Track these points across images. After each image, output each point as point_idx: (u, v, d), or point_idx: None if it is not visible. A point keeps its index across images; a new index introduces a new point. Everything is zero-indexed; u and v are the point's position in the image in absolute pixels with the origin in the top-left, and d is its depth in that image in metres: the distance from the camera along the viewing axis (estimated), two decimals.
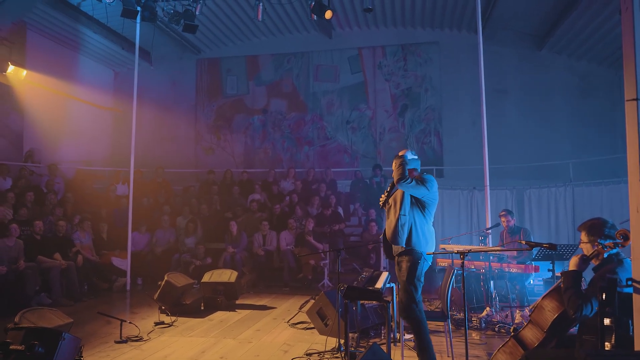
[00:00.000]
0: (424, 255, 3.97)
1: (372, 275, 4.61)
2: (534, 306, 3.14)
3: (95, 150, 12.54)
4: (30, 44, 10.48)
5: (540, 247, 3.93)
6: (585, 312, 2.72)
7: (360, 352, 4.48)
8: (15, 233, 7.05)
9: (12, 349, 3.60)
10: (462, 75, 11.81)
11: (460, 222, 10.43)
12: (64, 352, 3.68)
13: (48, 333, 3.73)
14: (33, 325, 3.95)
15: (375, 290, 3.99)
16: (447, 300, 4.23)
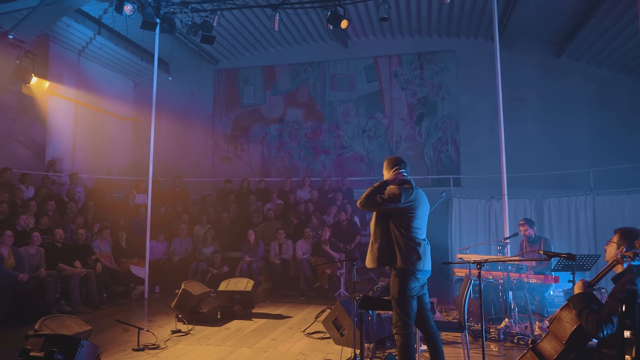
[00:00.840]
0: (413, 272, 3.72)
1: (388, 285, 4.57)
2: (552, 318, 3.09)
3: (115, 160, 12.76)
4: (53, 56, 10.76)
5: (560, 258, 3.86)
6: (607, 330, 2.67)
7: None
8: (37, 241, 7.19)
9: (32, 355, 3.66)
10: (479, 83, 11.75)
11: (478, 231, 10.31)
12: (83, 359, 3.73)
13: (67, 340, 3.78)
14: (52, 332, 4.00)
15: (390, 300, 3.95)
16: (464, 311, 4.18)
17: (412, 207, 3.80)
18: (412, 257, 3.73)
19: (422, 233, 3.89)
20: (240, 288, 6.98)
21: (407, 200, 3.76)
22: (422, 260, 3.76)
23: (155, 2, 8.57)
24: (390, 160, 4.07)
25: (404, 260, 3.72)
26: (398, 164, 3.98)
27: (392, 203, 3.74)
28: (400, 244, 3.75)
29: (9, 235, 6.69)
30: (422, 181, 11.94)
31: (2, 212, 7.62)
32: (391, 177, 3.96)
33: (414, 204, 3.80)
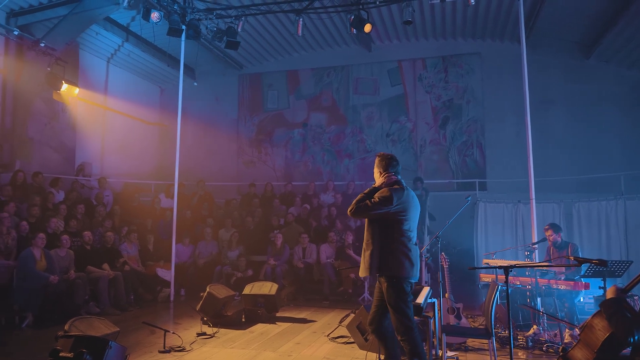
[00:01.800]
0: (406, 279, 3.65)
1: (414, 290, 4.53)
2: (583, 325, 3.01)
3: (141, 164, 12.98)
4: (83, 64, 11.03)
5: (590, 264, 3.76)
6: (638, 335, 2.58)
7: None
8: (66, 244, 7.36)
9: (62, 356, 3.74)
10: (505, 86, 11.58)
11: (505, 236, 10.12)
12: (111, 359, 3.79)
13: (96, 341, 3.85)
14: (82, 333, 4.08)
15: (416, 305, 3.91)
16: (492, 317, 4.10)
17: (403, 209, 3.69)
18: (404, 264, 3.65)
19: (413, 237, 3.79)
20: (264, 292, 7.00)
21: (399, 202, 3.66)
22: (415, 267, 3.70)
23: (181, 9, 8.71)
24: (382, 159, 3.95)
25: (397, 268, 3.64)
26: (389, 165, 3.87)
27: (384, 206, 3.63)
28: (392, 250, 3.65)
29: (41, 238, 6.86)
30: (447, 185, 11.82)
31: (34, 215, 7.82)
32: (379, 183, 3.86)
33: (404, 206, 3.69)
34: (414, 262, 3.69)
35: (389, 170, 3.86)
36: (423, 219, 10.09)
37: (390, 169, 3.86)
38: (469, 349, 5.32)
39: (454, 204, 10.89)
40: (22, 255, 6.69)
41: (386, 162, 3.89)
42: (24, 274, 6.61)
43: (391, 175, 3.84)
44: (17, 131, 9.36)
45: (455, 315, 5.38)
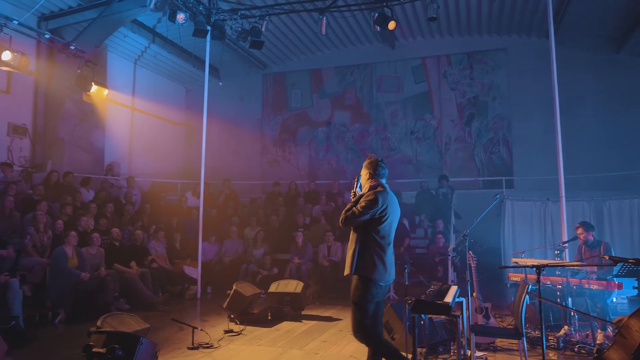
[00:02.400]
0: (376, 282, 3.69)
1: (441, 289, 4.49)
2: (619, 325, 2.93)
3: (168, 164, 13.19)
4: (111, 65, 11.27)
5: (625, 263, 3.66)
6: None
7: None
8: (97, 242, 7.52)
9: (95, 351, 3.83)
10: (532, 81, 11.38)
11: (533, 235, 9.93)
12: (142, 356, 3.86)
13: (127, 337, 3.92)
14: (114, 329, 4.17)
15: (444, 305, 3.87)
16: (522, 317, 4.03)
17: (385, 212, 3.71)
18: (377, 266, 3.69)
19: (390, 239, 3.81)
20: (290, 290, 7.03)
21: (384, 203, 3.70)
22: (387, 271, 3.73)
23: (206, 10, 8.80)
24: (370, 163, 3.95)
25: (369, 270, 3.68)
26: (377, 169, 3.88)
27: (371, 210, 3.66)
28: (368, 252, 3.70)
29: (73, 236, 7.03)
30: (473, 183, 11.67)
31: (66, 214, 8.02)
32: (366, 188, 3.90)
33: (388, 209, 3.72)
34: (387, 265, 3.74)
35: (376, 175, 3.89)
36: (449, 217, 9.99)
37: (377, 173, 3.89)
38: (497, 349, 5.25)
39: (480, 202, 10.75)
40: (55, 253, 6.87)
41: (374, 167, 3.90)
42: (57, 272, 6.78)
43: (377, 181, 3.87)
44: (49, 132, 9.61)
45: (483, 315, 5.31)
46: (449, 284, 5.00)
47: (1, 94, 8.91)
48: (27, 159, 9.44)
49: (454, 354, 4.96)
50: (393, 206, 3.81)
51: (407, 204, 10.89)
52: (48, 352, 5.23)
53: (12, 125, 9.11)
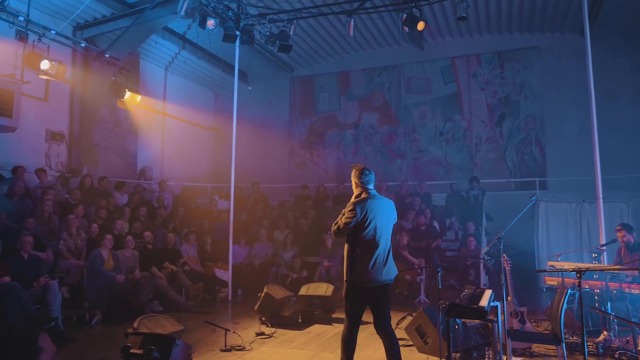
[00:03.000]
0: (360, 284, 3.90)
1: (475, 293, 4.41)
2: None
3: (198, 167, 13.39)
4: (143, 72, 11.53)
5: None
6: None
7: None
8: (131, 245, 7.69)
9: (132, 352, 3.91)
10: (565, 80, 11.11)
11: (568, 237, 9.69)
12: (177, 357, 3.92)
13: (163, 339, 3.99)
14: (150, 331, 4.24)
15: (479, 309, 3.81)
16: (561, 322, 3.93)
17: (366, 217, 3.91)
18: (359, 269, 3.88)
19: (377, 241, 3.95)
20: (320, 293, 7.03)
21: (363, 211, 3.90)
22: (376, 272, 3.89)
23: (235, 16, 8.91)
24: (355, 171, 4.15)
25: (352, 272, 3.90)
26: (360, 177, 4.09)
27: (352, 219, 3.90)
28: (353, 256, 3.92)
29: (109, 239, 7.21)
30: (505, 185, 11.46)
31: (102, 218, 8.22)
32: (353, 196, 4.12)
33: (367, 215, 3.91)
34: (375, 266, 3.90)
35: (361, 182, 4.10)
36: (480, 219, 9.83)
37: (362, 180, 4.10)
38: (534, 355, 5.13)
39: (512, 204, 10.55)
40: (91, 256, 7.05)
41: (358, 175, 4.12)
42: (93, 274, 6.96)
43: (363, 187, 4.10)
44: (84, 138, 9.88)
45: (519, 320, 5.19)
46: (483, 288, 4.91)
47: (40, 102, 9.21)
48: (64, 165, 9.72)
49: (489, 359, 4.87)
50: (377, 209, 3.99)
51: (437, 206, 10.77)
52: (86, 353, 5.36)
53: (49, 132, 9.41)
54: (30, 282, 6.03)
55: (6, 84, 7.78)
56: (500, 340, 4.58)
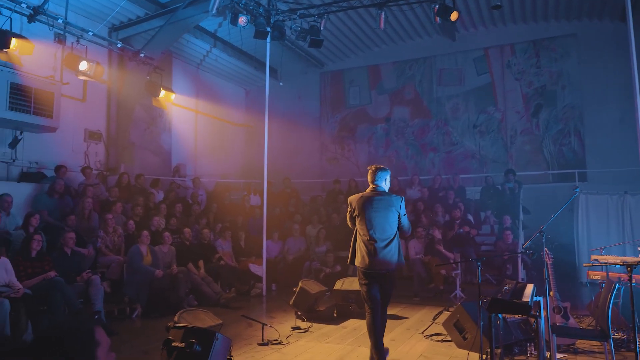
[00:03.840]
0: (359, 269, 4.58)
1: (516, 288, 4.31)
2: None
3: (230, 164, 13.54)
4: (176, 70, 11.71)
5: None
6: None
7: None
8: (168, 240, 7.84)
9: (174, 345, 3.97)
10: (605, 68, 10.73)
11: (610, 230, 9.39)
12: (218, 351, 3.97)
13: (204, 333, 4.05)
14: (190, 325, 4.31)
15: (523, 304, 3.72)
16: (609, 318, 3.80)
17: (354, 211, 4.61)
18: (357, 256, 4.57)
19: (370, 234, 4.46)
20: (355, 287, 6.97)
21: (353, 207, 4.64)
22: (367, 260, 4.44)
23: (266, 12, 8.93)
24: (369, 172, 4.73)
25: (353, 259, 4.62)
26: (370, 176, 4.69)
27: (348, 213, 4.76)
28: (353, 244, 4.63)
29: (146, 235, 7.37)
30: (542, 177, 11.17)
31: (138, 214, 8.40)
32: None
33: (355, 209, 4.60)
34: (364, 255, 4.48)
35: (369, 180, 4.71)
36: (517, 213, 9.61)
37: (369, 179, 4.71)
38: (578, 351, 4.99)
39: (549, 196, 10.32)
40: (131, 251, 7.22)
41: (369, 174, 4.73)
42: (133, 269, 7.13)
43: (371, 184, 4.69)
44: (121, 137, 10.11)
45: (562, 315, 5.05)
46: (524, 282, 4.80)
47: (78, 102, 9.46)
48: (102, 163, 9.97)
49: (531, 356, 4.76)
50: (370, 204, 4.54)
51: (472, 200, 10.59)
52: (129, 346, 5.49)
53: (88, 132, 9.66)
54: (73, 277, 6.22)
55: (46, 85, 8.01)
56: (543, 336, 4.47)
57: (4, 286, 5.45)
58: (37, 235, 6.13)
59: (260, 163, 9.55)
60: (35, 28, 7.82)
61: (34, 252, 6.01)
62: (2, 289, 5.40)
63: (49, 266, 6.02)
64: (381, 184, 4.66)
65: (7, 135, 8.15)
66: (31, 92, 7.68)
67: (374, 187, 4.64)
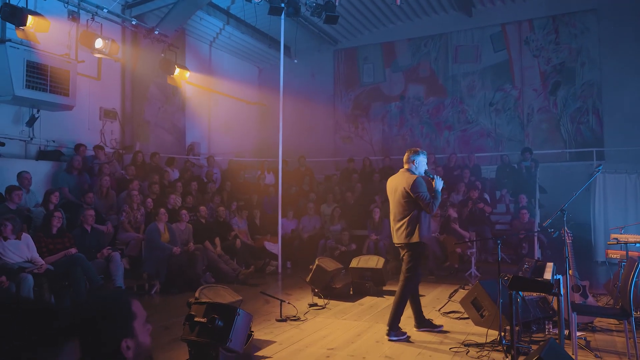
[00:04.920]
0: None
1: (536, 266, 4.29)
2: None
3: (244, 142, 13.54)
4: (189, 48, 11.64)
5: None
6: None
7: (524, 347, 4.25)
8: (185, 218, 7.90)
9: (197, 321, 4.03)
10: (626, 45, 10.49)
11: (627, 209, 9.31)
12: (239, 326, 4.02)
13: (225, 308, 4.10)
14: (212, 300, 4.37)
15: (545, 281, 3.70)
16: (630, 296, 3.78)
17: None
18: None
19: (392, 212, 4.91)
20: (371, 265, 7.05)
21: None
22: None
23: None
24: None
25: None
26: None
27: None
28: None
29: (163, 213, 7.43)
30: (559, 156, 11.04)
31: (155, 192, 8.47)
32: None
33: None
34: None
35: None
36: (533, 192, 9.54)
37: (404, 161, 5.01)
38: (596, 330, 4.99)
39: (566, 175, 10.23)
40: (149, 229, 7.31)
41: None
42: (151, 246, 7.22)
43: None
44: (136, 115, 10.13)
45: (580, 294, 5.05)
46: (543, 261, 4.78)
47: (93, 81, 9.47)
48: (117, 141, 10.03)
49: (549, 333, 4.77)
50: (390, 185, 4.98)
51: (487, 179, 10.52)
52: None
53: (103, 110, 9.69)
54: (93, 254, 6.32)
55: (62, 63, 8.01)
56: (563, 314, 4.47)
57: (27, 262, 5.56)
58: (57, 212, 6.22)
59: (273, 141, 9.54)
60: (49, 5, 7.80)
61: (55, 229, 6.10)
62: (25, 264, 5.51)
63: (69, 243, 6.12)
64: (410, 166, 4.89)
65: (25, 113, 8.20)
66: (47, 71, 7.69)
67: (402, 169, 4.94)
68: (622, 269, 4.93)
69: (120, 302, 1.62)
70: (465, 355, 4.26)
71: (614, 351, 4.35)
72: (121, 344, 1.49)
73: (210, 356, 3.92)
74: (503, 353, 4.22)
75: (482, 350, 4.35)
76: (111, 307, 1.60)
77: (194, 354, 4.00)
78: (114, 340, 1.49)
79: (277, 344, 4.63)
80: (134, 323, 1.59)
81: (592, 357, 4.14)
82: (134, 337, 1.53)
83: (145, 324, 1.67)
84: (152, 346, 1.71)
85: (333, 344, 4.63)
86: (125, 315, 1.59)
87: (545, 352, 3.05)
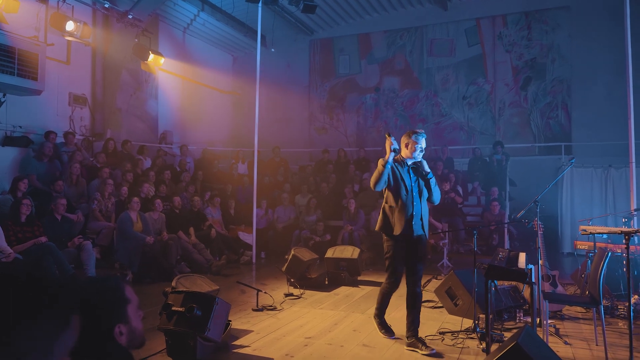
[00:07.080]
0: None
1: (510, 256, 4.41)
2: None
3: (217, 132, 13.37)
4: (162, 34, 11.39)
5: None
6: None
7: (497, 335, 4.36)
8: (158, 207, 7.77)
9: (174, 310, 3.99)
10: (596, 41, 10.76)
11: (593, 202, 9.62)
12: (218, 315, 4.00)
13: (204, 297, 4.06)
14: (188, 290, 4.32)
15: (520, 271, 3.81)
16: (600, 286, 3.92)
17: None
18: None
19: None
20: (346, 255, 7.09)
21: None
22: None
23: None
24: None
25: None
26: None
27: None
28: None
29: (136, 202, 7.29)
30: (529, 150, 11.31)
31: (128, 181, 8.30)
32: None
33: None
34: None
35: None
36: (504, 184, 9.76)
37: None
38: (564, 317, 5.17)
39: (535, 168, 10.50)
40: (121, 218, 7.15)
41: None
42: (123, 235, 7.07)
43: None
44: (107, 102, 9.88)
45: (550, 283, 5.21)
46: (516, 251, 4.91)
47: (62, 65, 9.17)
48: (87, 128, 9.76)
49: (520, 321, 4.92)
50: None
51: (460, 171, 10.69)
52: None
53: (73, 95, 9.41)
54: (64, 243, 6.16)
55: (31, 46, 7.73)
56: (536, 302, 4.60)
57: None
58: (26, 200, 6.02)
59: (247, 131, 9.48)
60: None
61: (24, 217, 5.92)
62: None
63: (39, 231, 5.95)
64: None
65: None
66: (15, 53, 7.40)
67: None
68: (590, 260, 5.12)
69: (114, 287, 1.59)
70: (440, 343, 4.35)
71: (582, 337, 4.52)
72: (114, 330, 1.46)
73: (187, 346, 3.88)
74: (477, 340, 4.32)
75: (457, 337, 4.44)
76: (105, 291, 1.56)
77: (171, 344, 3.96)
78: (107, 325, 1.46)
79: (254, 333, 4.62)
80: (128, 308, 1.57)
81: (562, 343, 4.28)
82: (127, 322, 1.50)
83: (138, 310, 1.65)
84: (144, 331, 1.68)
85: (310, 333, 4.65)
86: (119, 300, 1.56)
87: (521, 338, 3.13)
